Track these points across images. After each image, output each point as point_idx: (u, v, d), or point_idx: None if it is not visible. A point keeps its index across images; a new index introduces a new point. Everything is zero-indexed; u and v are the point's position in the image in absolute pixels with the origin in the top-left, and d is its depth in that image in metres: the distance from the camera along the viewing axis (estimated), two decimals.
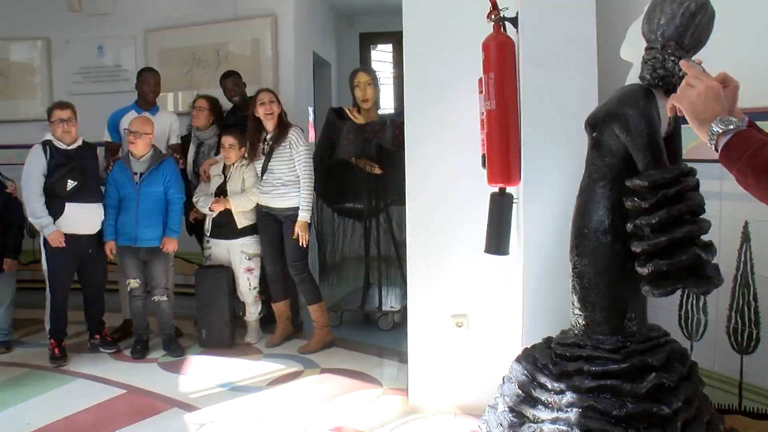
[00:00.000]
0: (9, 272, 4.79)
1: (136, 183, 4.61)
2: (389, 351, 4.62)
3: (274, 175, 4.62)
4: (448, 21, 3.32)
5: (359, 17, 8.33)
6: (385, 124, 4.92)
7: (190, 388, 4.06)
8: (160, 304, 4.72)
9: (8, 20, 6.68)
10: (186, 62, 6.36)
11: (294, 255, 4.66)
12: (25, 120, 6.45)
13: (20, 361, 4.62)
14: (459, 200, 3.33)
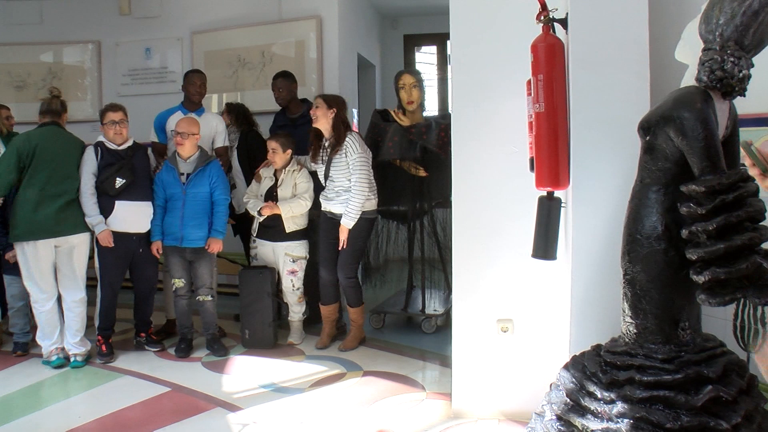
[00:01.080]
0: None
1: (183, 183, 4.68)
2: (432, 354, 4.60)
3: (334, 183, 4.63)
4: (496, 22, 3.29)
5: (403, 19, 8.32)
6: (430, 126, 4.90)
7: (233, 388, 4.10)
8: (204, 304, 4.78)
9: (62, 25, 6.90)
10: (231, 64, 6.44)
11: (347, 259, 4.68)
12: (75, 121, 6.60)
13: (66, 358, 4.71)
14: (506, 203, 3.30)
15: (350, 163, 4.54)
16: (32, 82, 7.02)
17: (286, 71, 5.43)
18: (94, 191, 4.54)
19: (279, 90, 5.33)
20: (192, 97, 5.21)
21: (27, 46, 6.99)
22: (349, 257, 4.68)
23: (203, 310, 4.81)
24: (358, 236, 4.65)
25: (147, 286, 4.87)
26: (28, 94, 7.01)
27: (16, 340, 4.82)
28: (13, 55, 7.01)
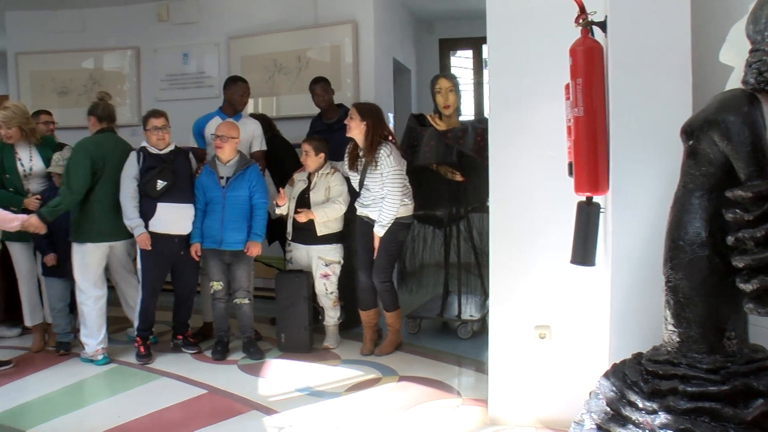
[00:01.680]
0: None
1: (223, 187, 4.73)
2: (468, 360, 4.57)
3: (370, 191, 4.64)
4: (534, 25, 3.26)
5: (438, 23, 8.30)
6: (467, 131, 4.88)
7: (269, 392, 4.13)
8: (242, 307, 4.82)
9: (103, 32, 7.07)
10: (267, 69, 6.50)
11: (381, 263, 4.68)
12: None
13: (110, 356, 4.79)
14: (544, 208, 3.27)
15: (384, 175, 4.54)
16: (74, 88, 7.20)
17: (322, 77, 5.46)
18: (135, 195, 4.63)
19: (317, 95, 5.36)
20: (237, 105, 5.23)
21: (69, 53, 7.18)
22: (383, 262, 4.68)
23: (240, 313, 4.84)
24: (393, 241, 4.66)
25: (187, 288, 4.95)
26: (70, 100, 7.20)
27: (59, 340, 4.93)
28: (56, 62, 7.20)
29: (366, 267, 4.76)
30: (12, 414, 3.82)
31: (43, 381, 4.38)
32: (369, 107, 4.76)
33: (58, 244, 4.78)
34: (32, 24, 7.25)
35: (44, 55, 7.22)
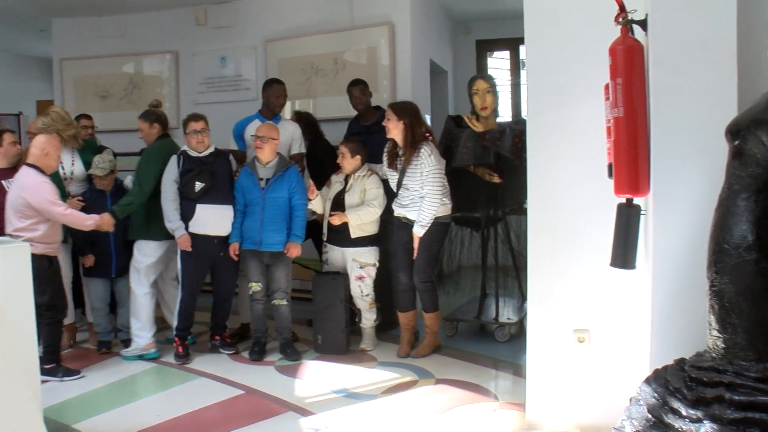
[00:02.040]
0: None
1: (262, 188, 4.77)
2: (505, 364, 4.54)
3: (408, 191, 4.63)
4: (572, 25, 3.22)
5: (475, 24, 8.27)
6: (504, 132, 4.84)
7: (305, 393, 4.15)
8: (280, 308, 4.85)
9: (143, 37, 7.19)
10: (304, 71, 6.53)
11: (422, 263, 4.67)
12: None
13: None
14: (583, 210, 3.22)
15: (424, 174, 4.53)
16: (115, 92, 7.34)
17: (359, 79, 5.46)
18: (176, 197, 4.72)
19: (355, 97, 5.37)
20: (273, 107, 5.27)
21: (111, 58, 7.31)
22: (424, 262, 4.67)
23: (278, 314, 4.88)
24: (433, 241, 4.65)
25: (226, 289, 5.00)
26: (111, 104, 7.34)
27: (100, 339, 5.04)
28: (98, 67, 7.35)
29: (406, 268, 4.76)
30: (58, 409, 3.91)
31: (85, 378, 4.47)
32: (404, 106, 4.76)
33: (96, 245, 4.88)
34: (77, 30, 7.42)
35: (87, 60, 7.38)
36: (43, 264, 4.32)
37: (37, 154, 4.42)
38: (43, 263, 4.33)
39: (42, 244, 4.33)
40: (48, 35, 7.75)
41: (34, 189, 4.29)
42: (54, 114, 4.97)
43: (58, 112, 5.00)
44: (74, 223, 4.46)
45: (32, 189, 4.29)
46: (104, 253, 4.94)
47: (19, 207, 4.29)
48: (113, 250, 4.97)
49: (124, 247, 4.99)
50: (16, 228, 4.29)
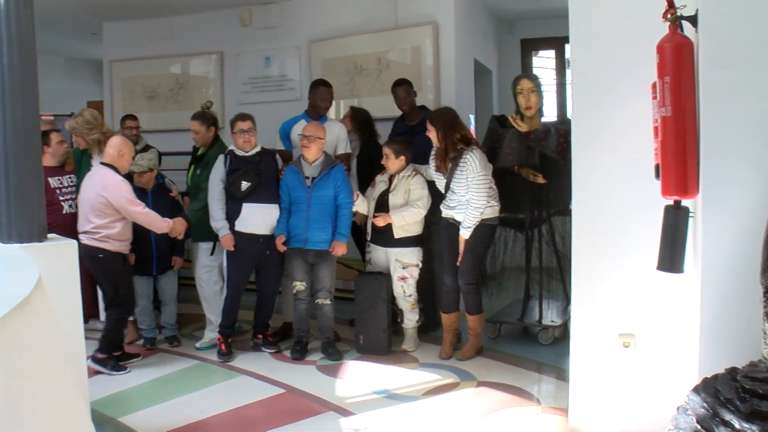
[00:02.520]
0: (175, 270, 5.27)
1: (308, 187, 4.80)
2: (548, 367, 4.48)
3: (456, 194, 4.62)
4: (618, 23, 3.17)
5: (520, 23, 8.19)
6: (549, 132, 4.79)
7: (346, 393, 4.17)
8: (323, 307, 4.88)
9: (189, 38, 7.32)
10: (348, 71, 6.55)
11: (468, 265, 4.66)
12: None
13: (191, 353, 4.99)
14: (629, 212, 3.16)
15: (469, 179, 4.51)
16: (161, 92, 7.50)
17: (404, 79, 5.45)
18: (222, 197, 4.79)
19: (399, 98, 5.36)
20: (319, 110, 5.29)
21: (158, 59, 7.46)
22: (469, 263, 4.65)
23: (321, 313, 4.90)
24: (479, 242, 4.63)
25: (270, 288, 5.05)
26: (158, 104, 7.50)
27: (145, 335, 5.16)
28: (146, 68, 7.51)
29: (451, 269, 4.74)
30: (104, 402, 4.03)
31: (131, 373, 4.59)
32: (436, 114, 4.76)
33: (139, 243, 4.97)
34: (126, 33, 7.60)
35: (135, 61, 7.55)
36: (117, 261, 4.57)
37: (113, 154, 4.59)
38: (118, 260, 4.58)
39: (117, 242, 4.55)
40: (99, 38, 7.96)
41: (115, 188, 4.47)
42: (80, 118, 5.12)
43: (84, 116, 5.13)
44: (150, 223, 4.62)
45: (112, 188, 4.47)
46: (146, 252, 5.05)
47: (98, 205, 4.46)
48: (154, 248, 5.08)
49: (167, 246, 5.10)
50: (96, 225, 4.46)
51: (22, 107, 3.13)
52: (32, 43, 3.19)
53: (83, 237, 4.49)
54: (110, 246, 4.52)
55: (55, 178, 5.21)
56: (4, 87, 3.09)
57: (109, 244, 4.51)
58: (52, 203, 5.00)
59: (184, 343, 5.24)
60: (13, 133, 3.11)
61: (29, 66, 3.16)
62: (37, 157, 3.27)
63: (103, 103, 7.86)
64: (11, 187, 3.12)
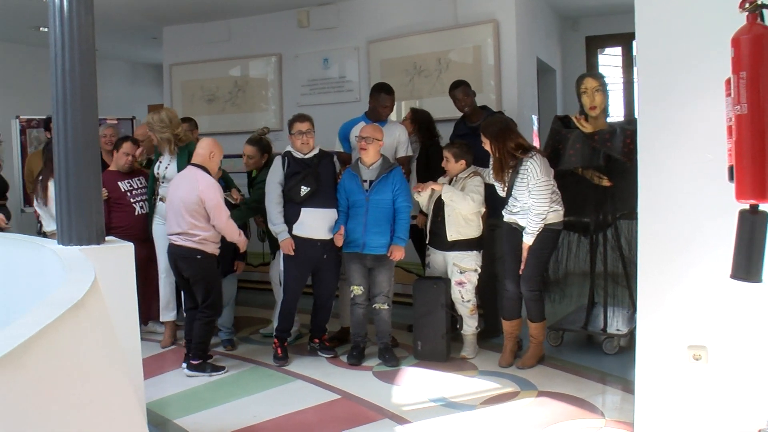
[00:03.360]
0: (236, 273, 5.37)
1: (366, 190, 4.79)
2: (613, 378, 4.36)
3: (518, 201, 4.54)
4: (689, 16, 3.05)
5: (584, 20, 8.02)
6: (615, 133, 4.66)
7: (402, 400, 4.14)
8: (381, 312, 4.87)
9: (247, 41, 7.46)
10: (407, 72, 6.54)
11: (531, 271, 4.58)
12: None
13: (248, 356, 5.05)
14: (700, 216, 3.05)
15: (530, 186, 4.42)
16: (220, 95, 7.64)
17: (461, 80, 5.40)
18: (280, 200, 4.80)
19: (458, 100, 5.31)
20: (380, 116, 5.26)
21: (217, 62, 7.62)
22: (533, 269, 4.57)
23: (378, 318, 4.89)
24: (542, 248, 4.54)
25: (327, 292, 5.06)
26: (217, 107, 7.65)
27: (223, 337, 5.28)
28: (205, 72, 7.68)
29: (513, 275, 4.66)
30: (161, 404, 4.12)
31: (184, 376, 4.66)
32: (488, 124, 4.66)
33: None
34: (185, 36, 7.80)
35: (194, 65, 7.73)
36: (213, 264, 4.69)
37: (204, 155, 4.72)
38: (213, 263, 4.70)
39: (213, 244, 4.67)
40: (159, 42, 8.18)
41: (210, 190, 4.58)
42: (156, 115, 5.24)
43: (160, 114, 5.24)
44: (230, 232, 4.70)
45: (207, 189, 4.58)
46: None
47: (193, 206, 4.57)
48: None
49: (230, 249, 5.14)
50: (193, 226, 4.57)
51: (82, 112, 3.22)
52: (92, 49, 3.28)
53: (177, 238, 4.61)
54: (207, 248, 4.63)
55: (125, 181, 5.39)
56: (65, 92, 3.19)
57: (206, 246, 4.62)
58: (124, 205, 5.22)
59: (239, 346, 5.31)
60: (73, 137, 3.21)
61: (89, 71, 3.25)
62: (96, 162, 3.35)
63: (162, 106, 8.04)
64: (71, 191, 3.22)
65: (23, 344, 1.35)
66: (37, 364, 1.41)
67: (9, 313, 3.02)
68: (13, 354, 1.30)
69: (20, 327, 1.47)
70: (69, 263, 2.51)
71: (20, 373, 1.32)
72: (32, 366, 1.38)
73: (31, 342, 1.38)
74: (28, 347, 1.37)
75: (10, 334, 1.40)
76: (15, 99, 8.03)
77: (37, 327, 1.46)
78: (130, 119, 8.28)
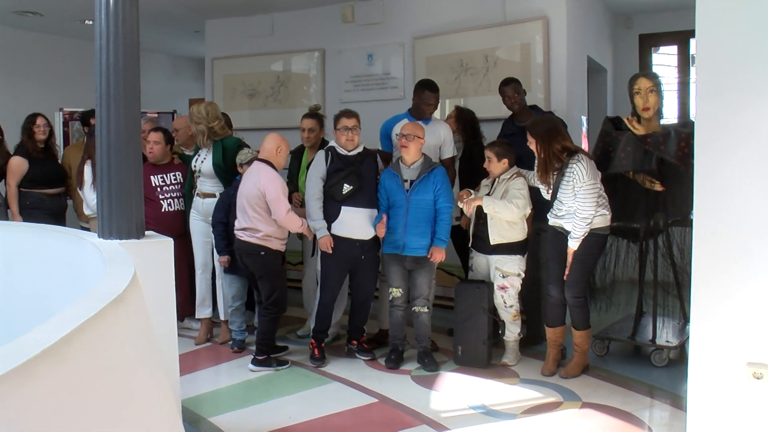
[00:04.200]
0: None
1: (406, 191, 4.77)
2: (662, 392, 4.26)
3: (563, 204, 4.47)
4: (754, 11, 2.96)
5: (638, 17, 7.87)
6: (669, 135, 4.56)
7: (441, 406, 4.12)
8: (420, 315, 4.84)
9: (290, 35, 7.49)
10: (453, 69, 6.50)
11: (576, 277, 4.51)
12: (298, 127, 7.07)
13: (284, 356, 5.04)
14: (759, 223, 2.96)
15: (576, 189, 4.35)
16: (262, 90, 7.70)
17: (512, 77, 5.34)
18: (321, 196, 4.80)
19: (508, 97, 5.25)
20: (423, 113, 5.25)
21: (259, 56, 7.68)
22: (578, 275, 4.50)
23: (418, 321, 4.87)
24: (588, 253, 4.47)
25: (365, 293, 5.06)
26: (258, 102, 7.71)
27: (234, 337, 5.27)
28: (247, 66, 7.75)
29: (558, 281, 4.60)
30: (196, 401, 4.17)
31: (223, 374, 4.74)
32: (535, 123, 4.60)
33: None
34: (227, 30, 7.89)
35: (236, 59, 7.80)
36: (277, 260, 4.80)
37: (270, 149, 4.80)
38: (277, 259, 4.80)
39: (277, 240, 4.75)
40: (201, 36, 8.29)
41: (271, 182, 4.65)
42: (196, 107, 5.35)
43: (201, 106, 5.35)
44: (290, 224, 4.74)
45: (269, 182, 4.65)
46: None
47: (255, 200, 4.66)
48: None
49: None
50: (258, 220, 4.67)
51: (125, 106, 3.26)
52: (136, 42, 3.32)
53: (242, 234, 4.72)
54: (271, 245, 4.72)
55: (158, 176, 5.46)
56: (109, 85, 3.23)
57: (270, 243, 4.70)
58: (151, 200, 5.27)
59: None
60: (115, 130, 3.25)
61: (133, 65, 3.29)
62: (138, 155, 3.40)
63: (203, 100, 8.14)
64: (113, 184, 3.26)
65: (65, 337, 1.37)
66: (79, 357, 1.43)
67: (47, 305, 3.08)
68: (55, 347, 1.32)
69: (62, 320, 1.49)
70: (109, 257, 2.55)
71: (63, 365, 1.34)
72: (74, 359, 1.40)
73: (72, 336, 1.40)
74: (70, 340, 1.39)
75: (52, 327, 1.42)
76: (59, 91, 8.23)
77: (78, 321, 1.48)
78: (171, 113, 8.41)
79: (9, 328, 3.28)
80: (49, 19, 7.76)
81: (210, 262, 5.40)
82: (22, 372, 1.19)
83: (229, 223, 5.00)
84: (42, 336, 1.34)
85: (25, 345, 1.29)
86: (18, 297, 3.44)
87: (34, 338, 1.33)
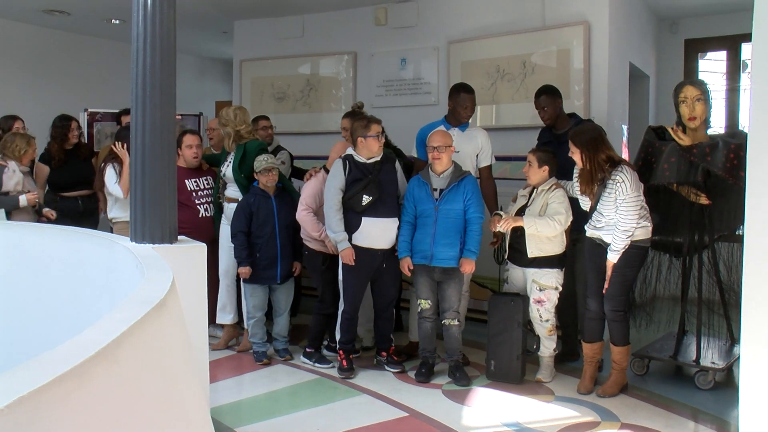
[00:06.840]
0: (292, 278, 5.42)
1: (436, 200, 4.79)
2: (707, 416, 4.23)
3: (603, 216, 4.46)
4: None
5: (684, 21, 7.81)
6: (716, 146, 4.53)
7: (472, 422, 4.13)
8: (450, 328, 4.86)
9: (321, 38, 7.56)
10: (489, 75, 6.50)
11: (615, 290, 4.50)
12: (327, 132, 7.15)
13: (312, 367, 5.11)
14: None
15: (618, 200, 4.34)
16: (291, 93, 7.76)
17: (548, 86, 5.35)
18: (340, 207, 4.83)
19: (543, 108, 5.25)
20: (460, 118, 5.27)
21: (288, 59, 7.75)
22: (617, 288, 4.49)
23: (448, 335, 4.88)
24: (628, 266, 4.46)
25: (388, 298, 5.09)
26: (287, 106, 7.77)
27: (256, 350, 5.29)
28: (276, 68, 7.82)
29: (596, 294, 4.59)
30: (221, 411, 4.21)
31: (247, 383, 4.78)
32: (579, 133, 4.57)
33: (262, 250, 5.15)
34: (256, 32, 7.97)
35: (265, 61, 7.89)
36: (317, 260, 5.14)
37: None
38: (317, 260, 5.14)
39: (314, 241, 5.09)
40: (229, 37, 8.39)
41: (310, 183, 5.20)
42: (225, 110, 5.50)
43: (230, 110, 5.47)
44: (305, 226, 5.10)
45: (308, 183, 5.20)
46: (270, 259, 5.16)
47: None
48: (279, 255, 5.19)
49: (290, 251, 5.24)
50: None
51: (161, 109, 3.33)
52: (173, 45, 3.40)
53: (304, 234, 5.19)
54: (311, 245, 5.14)
55: (192, 180, 5.53)
56: (145, 88, 3.31)
57: (310, 243, 5.13)
58: (188, 206, 5.37)
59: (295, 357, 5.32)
60: (151, 134, 3.32)
61: (169, 68, 3.37)
62: (172, 159, 3.47)
63: (231, 103, 8.24)
64: (146, 188, 3.33)
65: (116, 339, 1.42)
66: (129, 360, 1.48)
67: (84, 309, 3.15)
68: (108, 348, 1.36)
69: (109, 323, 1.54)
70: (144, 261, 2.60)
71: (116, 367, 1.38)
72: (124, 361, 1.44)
73: (122, 338, 1.45)
74: (121, 343, 1.43)
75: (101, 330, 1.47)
76: (83, 92, 8.34)
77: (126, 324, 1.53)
78: (197, 115, 8.50)
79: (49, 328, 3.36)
80: (76, 18, 7.89)
81: (231, 269, 5.46)
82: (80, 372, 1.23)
83: (251, 232, 5.07)
84: (96, 337, 1.39)
85: (80, 346, 1.33)
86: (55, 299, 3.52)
87: (87, 339, 1.38)
